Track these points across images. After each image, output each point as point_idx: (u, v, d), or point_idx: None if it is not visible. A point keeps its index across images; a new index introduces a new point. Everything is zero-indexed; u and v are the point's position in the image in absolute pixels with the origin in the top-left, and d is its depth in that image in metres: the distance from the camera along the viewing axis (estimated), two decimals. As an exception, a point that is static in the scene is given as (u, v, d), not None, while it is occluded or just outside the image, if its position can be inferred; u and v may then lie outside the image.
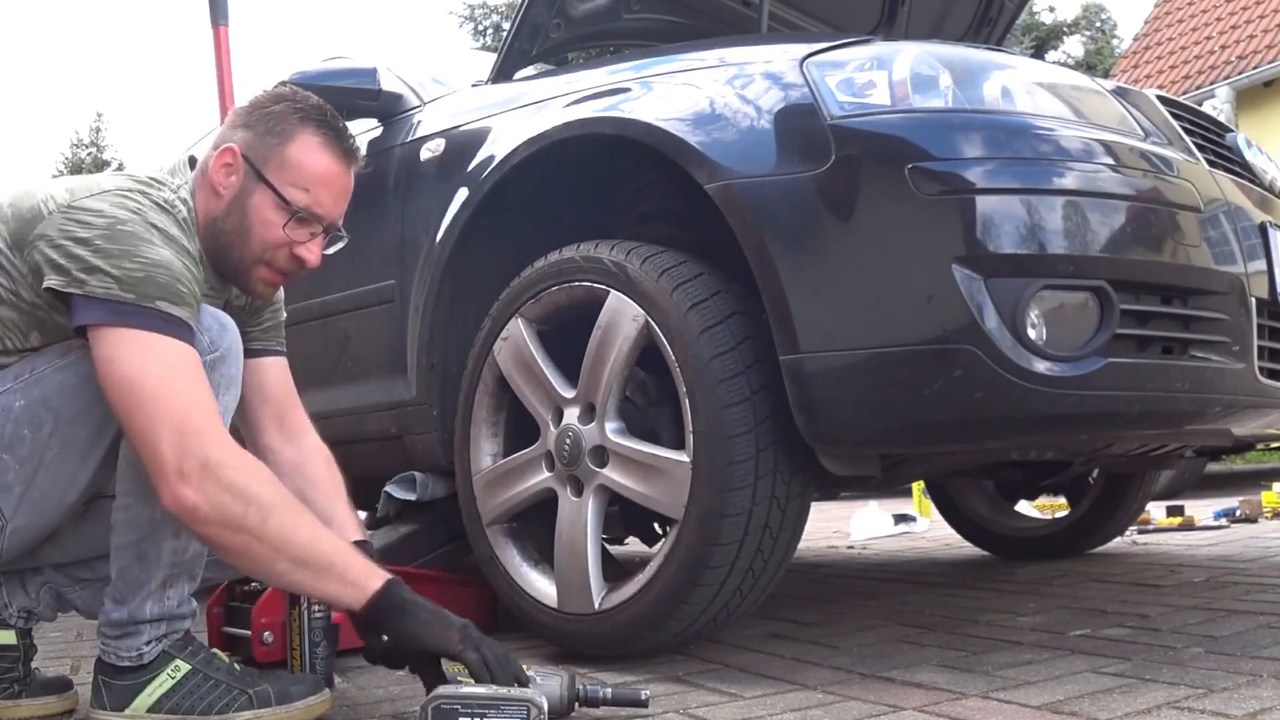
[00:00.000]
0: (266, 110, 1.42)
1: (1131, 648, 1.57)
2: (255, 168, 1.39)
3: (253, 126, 1.42)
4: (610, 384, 1.64)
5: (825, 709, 1.32)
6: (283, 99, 1.44)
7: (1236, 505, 3.64)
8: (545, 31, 2.23)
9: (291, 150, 1.40)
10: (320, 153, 1.41)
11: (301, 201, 1.40)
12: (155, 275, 1.24)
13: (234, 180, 1.40)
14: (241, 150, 1.40)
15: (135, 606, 1.34)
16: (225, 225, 1.41)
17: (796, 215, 1.47)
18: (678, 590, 1.55)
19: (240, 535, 1.21)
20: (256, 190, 1.40)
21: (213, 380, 1.33)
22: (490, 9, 18.64)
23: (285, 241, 1.41)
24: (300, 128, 1.41)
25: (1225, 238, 1.53)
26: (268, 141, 1.40)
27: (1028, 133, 1.44)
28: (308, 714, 1.38)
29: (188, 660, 1.36)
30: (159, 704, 1.34)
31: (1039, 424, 1.41)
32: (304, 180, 1.40)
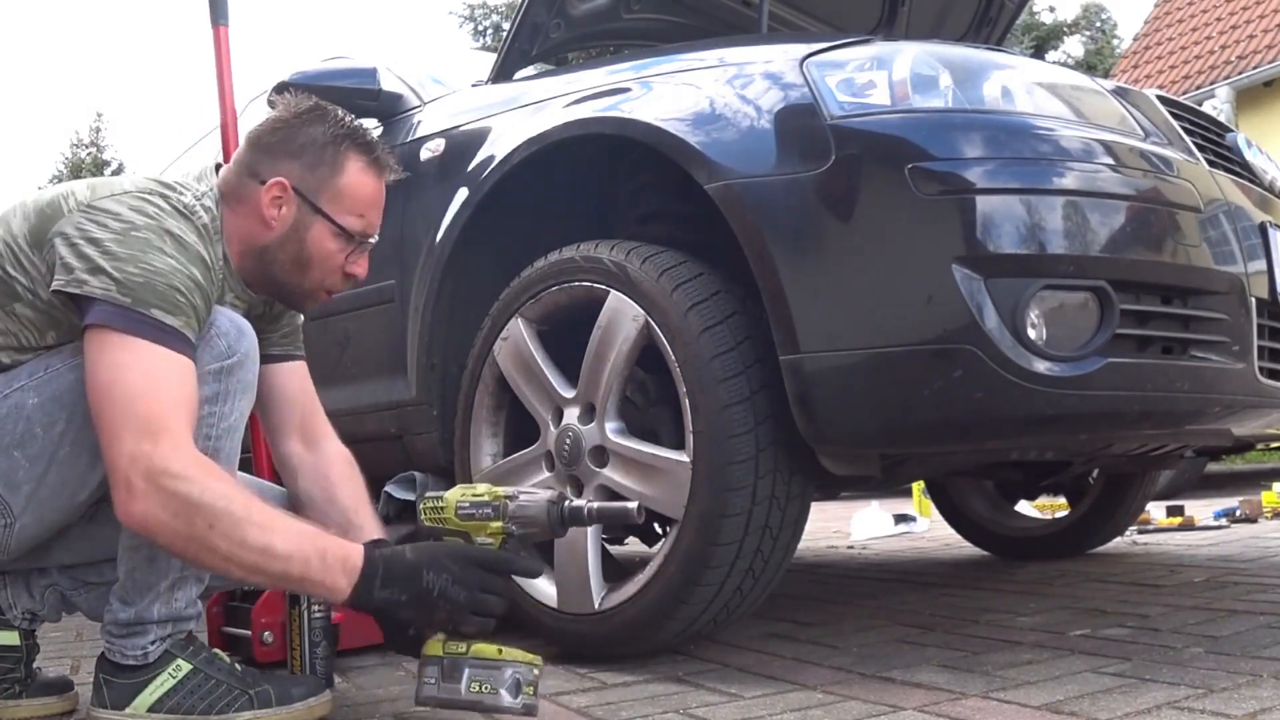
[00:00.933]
0: (307, 137, 1.42)
1: (1131, 648, 1.57)
2: (310, 201, 1.42)
3: (298, 157, 1.42)
4: (610, 384, 1.64)
5: (825, 709, 1.32)
6: (318, 120, 1.44)
7: (1236, 505, 3.64)
8: (545, 31, 2.23)
9: (343, 181, 1.43)
10: (368, 176, 1.45)
11: (358, 228, 1.44)
12: (154, 282, 1.24)
13: (286, 213, 1.42)
14: (292, 184, 1.41)
15: (143, 608, 1.34)
16: (281, 255, 1.43)
17: (796, 215, 1.47)
18: (678, 590, 1.55)
19: (190, 545, 1.20)
20: (314, 224, 1.42)
21: (229, 386, 1.35)
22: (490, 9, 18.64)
23: (341, 265, 1.45)
24: (347, 155, 1.43)
25: (1225, 238, 1.53)
26: (319, 174, 1.42)
27: (1028, 133, 1.44)
28: (309, 714, 1.37)
29: (189, 660, 1.36)
30: (160, 703, 1.34)
31: (1039, 424, 1.41)
32: (358, 207, 1.44)
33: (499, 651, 1.22)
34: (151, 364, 1.22)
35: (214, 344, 1.34)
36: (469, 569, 1.23)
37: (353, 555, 1.23)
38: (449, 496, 1.28)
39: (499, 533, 1.25)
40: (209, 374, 1.33)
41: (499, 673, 1.21)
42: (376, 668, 1.76)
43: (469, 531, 1.26)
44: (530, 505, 1.24)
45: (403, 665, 1.76)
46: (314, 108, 1.46)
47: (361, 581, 1.22)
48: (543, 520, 1.24)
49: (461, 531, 1.27)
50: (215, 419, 1.35)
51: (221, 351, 1.34)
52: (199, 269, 1.30)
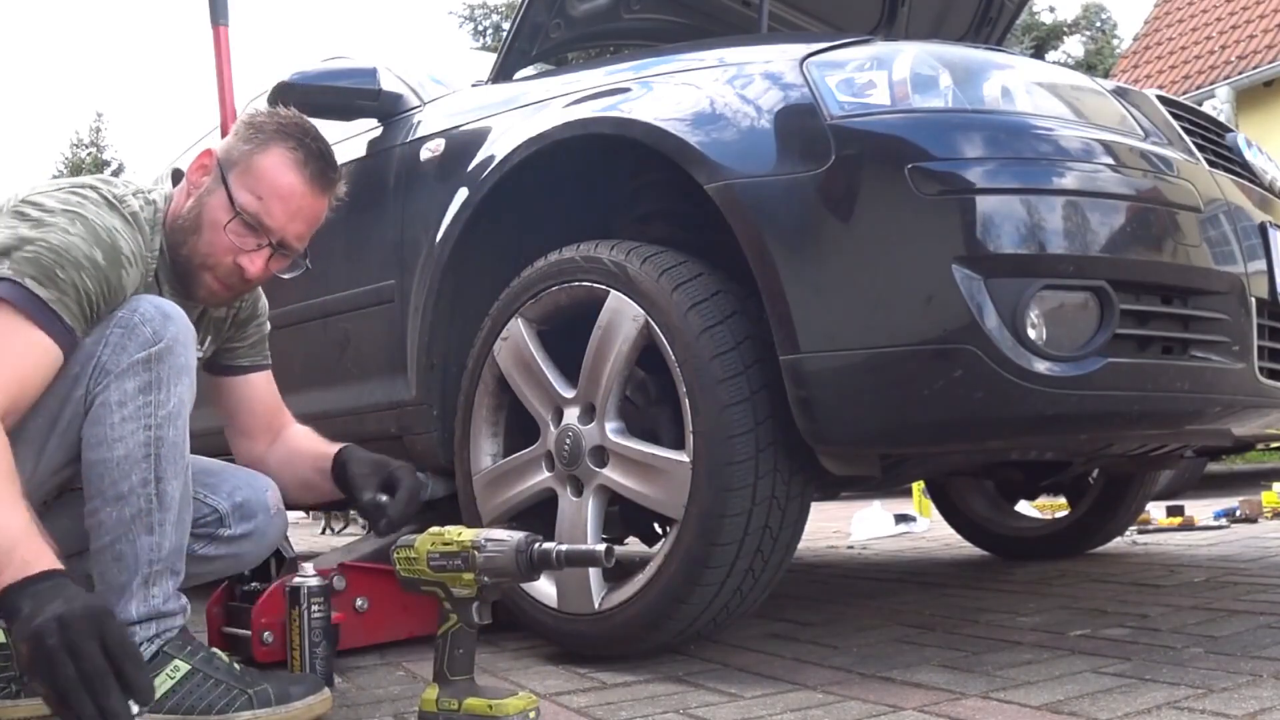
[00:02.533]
0: (255, 122, 1.47)
1: (1131, 648, 1.57)
2: (222, 170, 1.44)
3: (237, 133, 1.47)
4: (610, 384, 1.64)
5: (825, 709, 1.32)
6: (276, 116, 1.48)
7: (1236, 505, 3.64)
8: (545, 31, 2.23)
9: (260, 159, 1.44)
10: (286, 167, 1.44)
11: (250, 207, 1.43)
12: (41, 258, 1.26)
13: (204, 180, 1.45)
14: (218, 153, 1.45)
15: (121, 609, 1.32)
16: (182, 221, 1.45)
17: (796, 215, 1.47)
18: (678, 590, 1.55)
19: None
20: (216, 190, 1.44)
21: (160, 373, 1.32)
22: (490, 9, 18.64)
23: (230, 247, 1.43)
24: (276, 140, 1.45)
25: (1225, 238, 1.53)
26: (242, 148, 1.45)
27: (1027, 133, 1.44)
28: (308, 714, 1.37)
29: (187, 660, 1.35)
30: (158, 704, 1.33)
31: (1039, 424, 1.41)
32: (260, 188, 1.43)
33: (489, 707, 1.22)
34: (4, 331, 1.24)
35: (138, 332, 1.31)
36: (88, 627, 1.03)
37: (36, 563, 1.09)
38: (419, 546, 1.28)
39: (472, 584, 1.24)
40: (137, 363, 1.31)
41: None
42: (376, 668, 1.76)
43: (445, 582, 1.26)
44: (498, 556, 1.23)
45: (402, 665, 1.76)
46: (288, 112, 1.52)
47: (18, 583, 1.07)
48: (512, 569, 1.23)
49: (437, 582, 1.27)
50: (153, 408, 1.32)
51: (147, 339, 1.32)
52: (105, 252, 1.31)
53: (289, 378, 2.29)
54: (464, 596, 1.25)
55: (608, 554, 1.23)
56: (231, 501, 1.49)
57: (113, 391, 1.30)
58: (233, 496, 1.50)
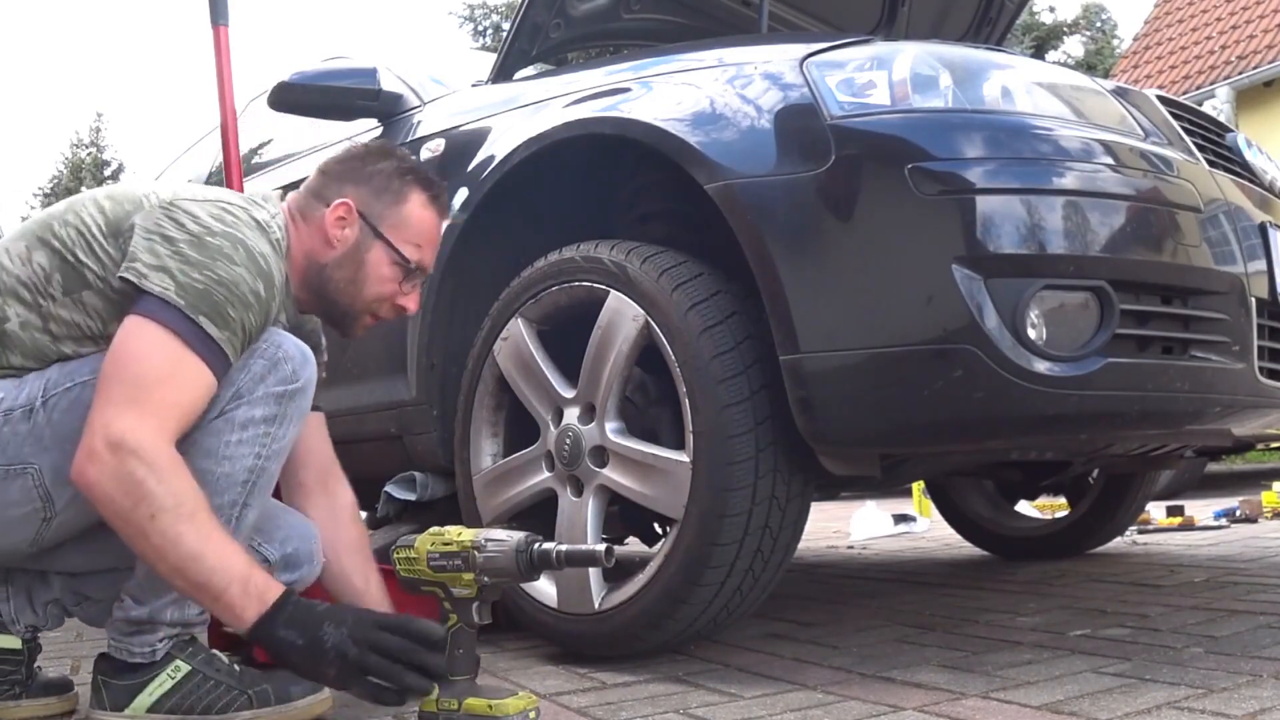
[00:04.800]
0: (375, 168, 1.50)
1: (1131, 648, 1.57)
2: (372, 224, 1.48)
3: (365, 183, 1.49)
4: (610, 384, 1.64)
5: (825, 709, 1.32)
6: (385, 156, 1.53)
7: (1236, 505, 3.64)
8: (545, 31, 2.23)
9: (405, 211, 1.49)
10: (428, 211, 1.52)
11: (415, 257, 1.50)
12: (213, 293, 1.27)
13: (348, 233, 1.47)
14: (357, 207, 1.47)
15: (157, 608, 1.35)
16: (337, 274, 1.48)
17: (796, 215, 1.47)
18: (678, 590, 1.55)
19: (127, 526, 1.21)
20: (374, 246, 1.48)
21: (288, 410, 1.37)
22: (490, 9, 18.65)
23: (394, 292, 1.51)
24: (412, 188, 1.51)
25: (1225, 238, 1.53)
26: (383, 200, 1.49)
27: (1027, 133, 1.44)
28: (308, 713, 1.38)
29: (188, 661, 1.36)
30: (159, 704, 1.34)
31: (1039, 424, 1.41)
32: (417, 238, 1.50)
33: (489, 707, 1.22)
34: (176, 363, 1.25)
35: (281, 368, 1.36)
36: (367, 629, 1.23)
37: (271, 591, 1.24)
38: (419, 546, 1.28)
39: (472, 584, 1.25)
40: (272, 396, 1.35)
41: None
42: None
43: (445, 583, 1.26)
44: (498, 556, 1.24)
45: (403, 665, 1.75)
46: (382, 146, 1.56)
47: (266, 616, 1.22)
48: (512, 569, 1.24)
49: (437, 582, 1.27)
50: (269, 440, 1.36)
51: (287, 376, 1.36)
52: (264, 284, 1.32)
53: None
54: (464, 597, 1.26)
55: (608, 554, 1.23)
56: (282, 552, 1.50)
57: (240, 413, 1.33)
58: (284, 546, 1.50)
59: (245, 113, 3.06)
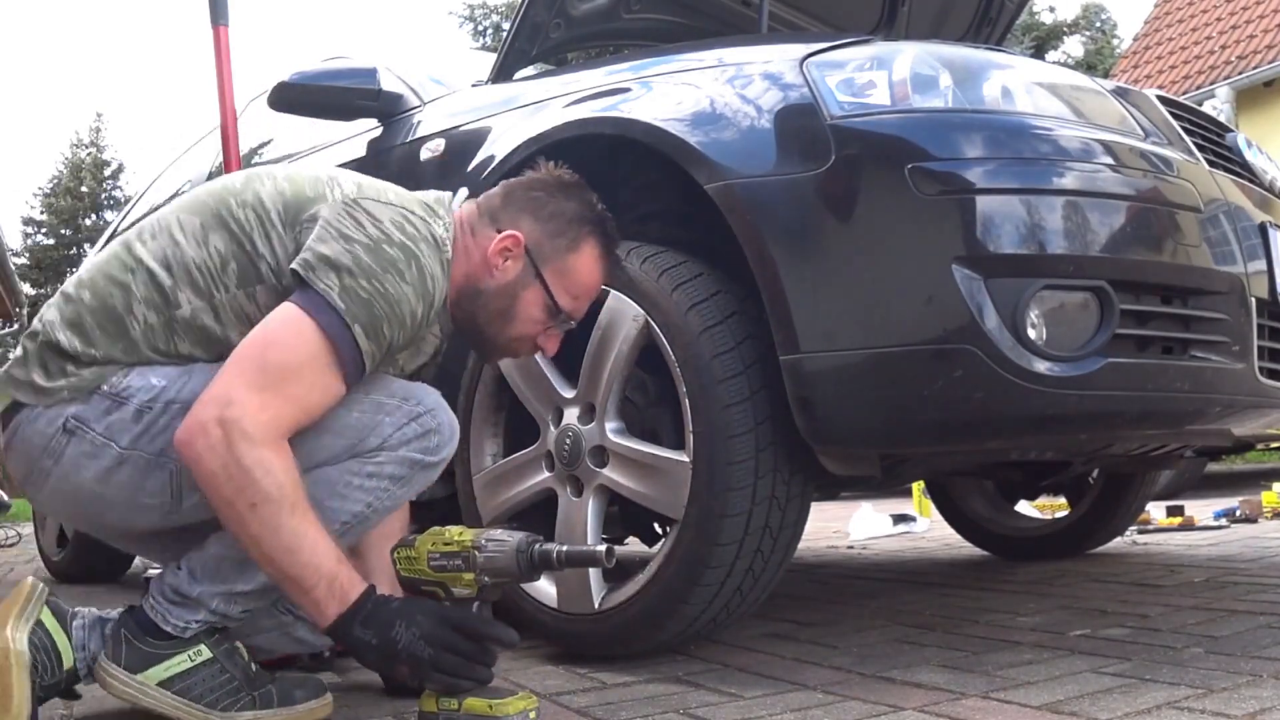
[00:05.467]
0: (559, 207, 1.46)
1: (1131, 648, 1.57)
2: (536, 265, 1.45)
3: (543, 221, 1.46)
4: (610, 384, 1.64)
5: (825, 709, 1.32)
6: (574, 197, 1.48)
7: (1236, 505, 3.64)
8: (545, 31, 2.23)
9: (574, 260, 1.46)
10: (597, 266, 1.49)
11: (569, 308, 1.48)
12: (375, 305, 1.27)
13: (510, 266, 1.45)
14: (527, 243, 1.44)
15: (208, 592, 1.35)
16: (490, 304, 1.46)
17: (797, 215, 1.47)
18: (678, 590, 1.55)
19: (228, 510, 1.22)
20: (532, 286, 1.45)
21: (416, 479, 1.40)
22: (490, 9, 18.67)
23: (537, 334, 1.49)
24: (589, 239, 1.47)
25: (1225, 238, 1.53)
26: (556, 244, 1.46)
27: (1028, 133, 1.44)
28: (309, 717, 1.39)
29: (212, 648, 1.37)
30: (169, 681, 1.34)
31: (1039, 424, 1.41)
32: (577, 289, 1.48)
33: (489, 707, 1.22)
34: (316, 364, 1.25)
35: (429, 439, 1.39)
36: (440, 628, 1.23)
37: (353, 590, 1.24)
38: (420, 546, 1.28)
39: (472, 584, 1.25)
40: (409, 461, 1.38)
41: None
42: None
43: (445, 583, 1.26)
44: (499, 556, 1.24)
45: (403, 665, 1.75)
46: (575, 184, 1.50)
47: (345, 615, 1.23)
48: (513, 569, 1.24)
49: (438, 582, 1.27)
50: (386, 496, 1.38)
51: (431, 448, 1.40)
52: (424, 305, 1.32)
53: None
54: (464, 597, 1.26)
55: (608, 554, 1.24)
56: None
57: (372, 462, 1.35)
58: None
59: (245, 113, 3.06)
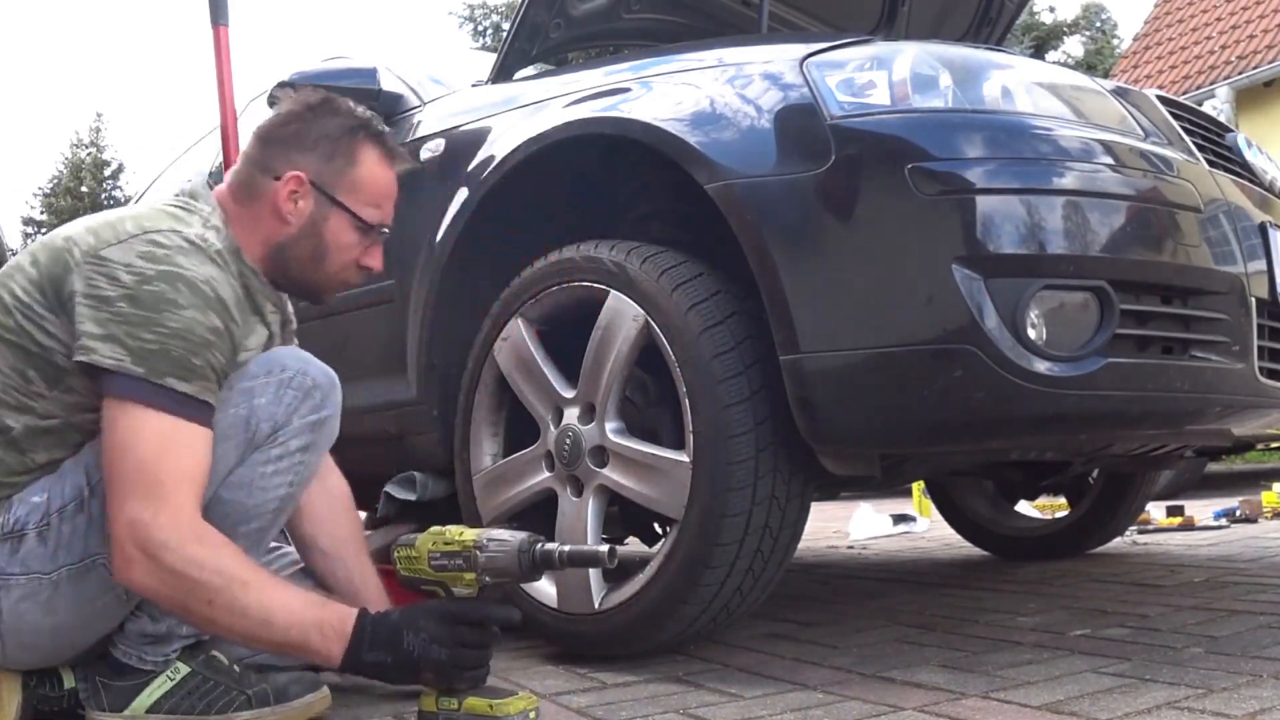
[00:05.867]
0: (321, 131, 1.43)
1: (1131, 648, 1.57)
2: (327, 193, 1.43)
3: (312, 150, 1.42)
4: (610, 384, 1.64)
5: (825, 709, 1.32)
6: (330, 113, 1.45)
7: (1236, 505, 3.64)
8: (545, 31, 2.23)
9: (359, 173, 1.44)
10: (382, 167, 1.47)
11: (376, 219, 1.46)
12: (170, 348, 1.22)
13: (303, 206, 1.42)
14: (309, 177, 1.41)
15: (175, 624, 1.35)
16: (298, 251, 1.43)
17: (797, 215, 1.46)
18: (678, 590, 1.55)
19: (190, 615, 1.24)
20: (332, 215, 1.43)
21: (319, 438, 1.39)
22: (490, 9, 18.66)
23: (357, 256, 1.47)
24: (362, 147, 1.45)
25: (1225, 238, 1.53)
26: (335, 166, 1.43)
27: (1028, 133, 1.44)
28: (307, 712, 1.39)
29: (187, 662, 1.37)
30: (158, 704, 1.34)
31: (1039, 424, 1.41)
32: (375, 198, 1.46)
33: (490, 707, 1.22)
34: (164, 436, 1.22)
35: (311, 396, 1.37)
36: (446, 626, 1.23)
37: (345, 623, 1.25)
38: (420, 545, 1.28)
39: (473, 583, 1.25)
40: (307, 425, 1.37)
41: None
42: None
43: (446, 582, 1.26)
44: (501, 556, 1.24)
45: (403, 665, 1.75)
46: (325, 100, 1.47)
47: (350, 648, 1.24)
48: (514, 570, 1.24)
49: (438, 582, 1.27)
50: (302, 468, 1.38)
51: (318, 404, 1.38)
52: (217, 314, 1.27)
53: (289, 378, 2.29)
54: (465, 596, 1.26)
55: (610, 555, 1.24)
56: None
57: (274, 448, 1.35)
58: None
59: (245, 113, 3.06)
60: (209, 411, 1.27)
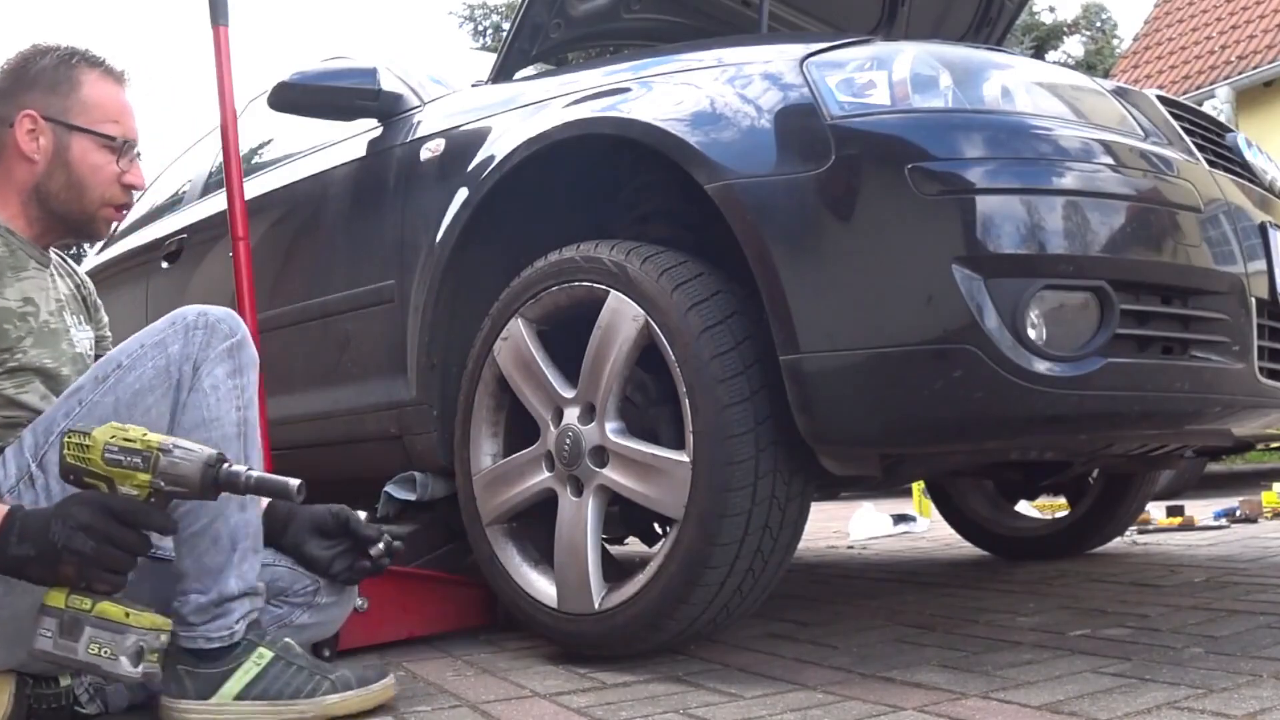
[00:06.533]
0: (38, 69, 1.49)
1: (1131, 648, 1.57)
2: (62, 121, 1.48)
3: (33, 87, 1.49)
4: (610, 384, 1.64)
5: (825, 709, 1.32)
6: (40, 54, 1.51)
7: (1236, 505, 3.64)
8: (545, 31, 2.23)
9: (85, 93, 1.50)
10: (107, 83, 1.52)
11: (117, 133, 1.51)
12: None
13: (45, 143, 1.48)
14: (40, 113, 1.47)
15: (222, 586, 1.37)
16: (53, 186, 1.49)
17: (796, 215, 1.47)
18: (678, 590, 1.55)
19: None
20: (74, 141, 1.48)
21: (241, 360, 1.41)
22: (490, 9, 18.64)
23: (114, 176, 1.51)
24: (81, 69, 1.51)
25: (1225, 238, 1.53)
26: (61, 92, 1.49)
27: (1028, 133, 1.44)
28: (381, 697, 1.43)
29: (269, 648, 1.39)
30: (246, 690, 1.36)
31: (1039, 424, 1.41)
32: (110, 114, 1.51)
33: (125, 615, 1.17)
34: None
35: (218, 329, 1.40)
36: (100, 516, 1.18)
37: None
38: (97, 436, 1.20)
39: (145, 486, 1.19)
40: (224, 352, 1.39)
41: (121, 637, 1.17)
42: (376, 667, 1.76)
43: (113, 478, 1.19)
44: (184, 462, 1.18)
45: (402, 665, 1.75)
46: (34, 47, 1.53)
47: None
48: (194, 481, 1.19)
49: (105, 476, 1.20)
50: (239, 390, 1.41)
51: (226, 333, 1.40)
52: None
53: (289, 378, 2.30)
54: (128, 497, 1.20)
55: (300, 490, 1.22)
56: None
57: (205, 378, 1.38)
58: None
59: (245, 113, 3.06)
60: None
